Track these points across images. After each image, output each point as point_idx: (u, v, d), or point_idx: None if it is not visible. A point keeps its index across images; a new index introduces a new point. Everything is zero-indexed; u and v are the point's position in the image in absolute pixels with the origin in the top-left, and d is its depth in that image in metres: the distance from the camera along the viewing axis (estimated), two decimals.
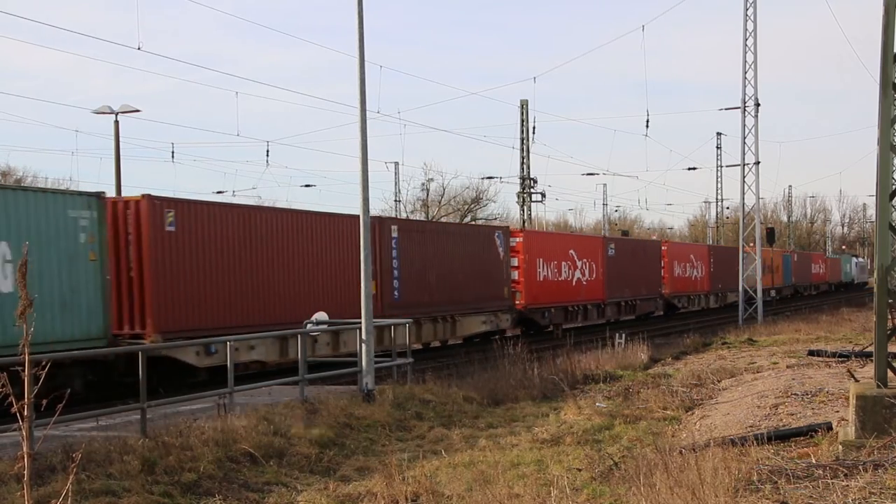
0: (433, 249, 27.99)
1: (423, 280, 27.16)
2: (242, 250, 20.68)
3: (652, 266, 44.64)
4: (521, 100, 50.09)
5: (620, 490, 9.01)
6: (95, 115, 33.03)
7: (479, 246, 30.56)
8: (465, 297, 29.08)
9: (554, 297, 33.94)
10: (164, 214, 18.93)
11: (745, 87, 37.66)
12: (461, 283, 28.84)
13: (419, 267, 27.02)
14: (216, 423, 11.94)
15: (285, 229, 22.12)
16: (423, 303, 26.99)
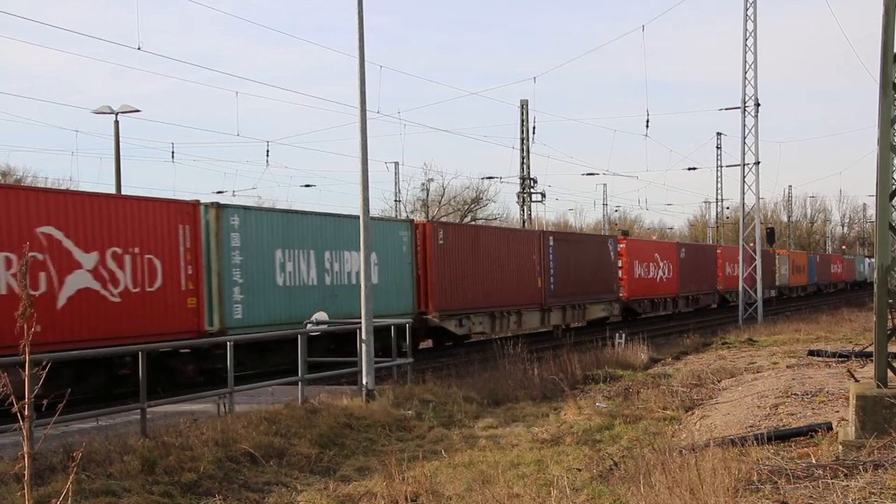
0: (573, 254, 36.35)
1: (567, 277, 35.52)
2: (474, 257, 29.79)
3: (710, 266, 53.30)
4: (521, 100, 50.12)
5: (620, 490, 9.01)
6: (95, 115, 33.03)
7: (599, 251, 39.07)
8: (591, 290, 37.69)
9: (646, 291, 44.03)
10: (438, 233, 27.98)
11: (745, 87, 37.69)
12: (588, 280, 37.42)
13: (564, 267, 35.41)
14: (216, 423, 11.94)
15: (490, 242, 31.27)
16: (568, 294, 35.66)
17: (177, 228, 19.15)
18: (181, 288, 19.26)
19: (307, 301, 22.34)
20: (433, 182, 71.92)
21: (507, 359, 19.40)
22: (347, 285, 23.77)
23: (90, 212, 17.48)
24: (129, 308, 17.90)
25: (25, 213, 16.21)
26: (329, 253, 23.60)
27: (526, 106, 49.24)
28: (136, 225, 18.26)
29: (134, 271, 18.14)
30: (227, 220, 20.52)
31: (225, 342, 14.08)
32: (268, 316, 21.24)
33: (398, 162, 69.07)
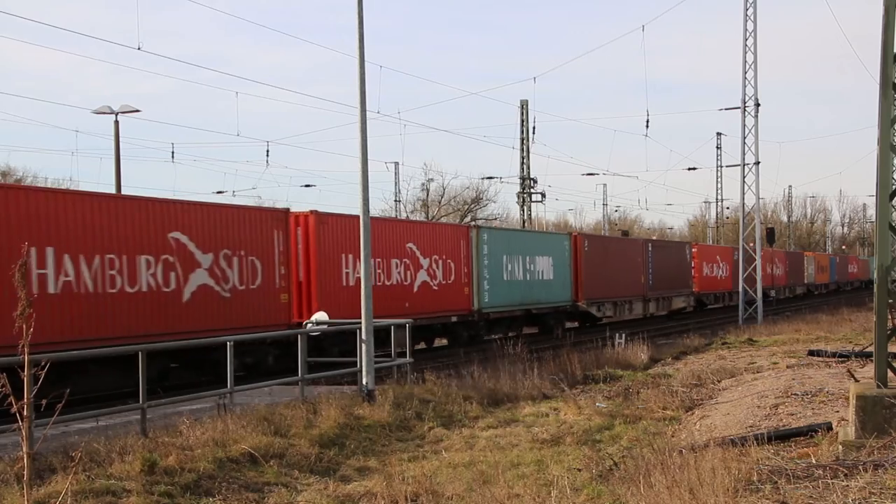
0: (663, 257, 45.64)
1: (659, 276, 44.74)
2: (605, 260, 39.36)
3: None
4: (521, 100, 50.12)
5: (620, 490, 9.01)
6: (95, 115, 33.04)
7: (679, 254, 49.24)
8: (674, 285, 47.21)
9: (711, 286, 52.84)
10: (584, 242, 37.96)
11: (745, 87, 37.70)
12: (672, 277, 46.79)
13: (658, 268, 44.67)
14: (216, 423, 11.93)
15: (614, 248, 41.86)
16: (659, 288, 45.28)
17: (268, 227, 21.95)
18: (275, 286, 21.86)
19: (517, 291, 32.67)
20: (433, 182, 72.05)
21: (507, 359, 19.39)
22: (538, 280, 34.16)
23: (207, 219, 20.26)
24: (232, 303, 20.60)
25: (161, 221, 18.89)
26: (528, 257, 33.52)
27: (526, 106, 49.25)
28: (243, 230, 21.01)
29: (243, 272, 21.07)
30: (481, 237, 30.96)
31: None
32: (499, 300, 31.48)
33: (398, 162, 69.31)
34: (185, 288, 19.42)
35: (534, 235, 38.56)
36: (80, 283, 17.20)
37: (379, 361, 17.13)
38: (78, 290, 17.12)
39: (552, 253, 35.43)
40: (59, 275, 16.86)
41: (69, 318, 16.74)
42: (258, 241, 21.40)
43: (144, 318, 18.22)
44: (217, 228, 20.37)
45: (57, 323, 16.26)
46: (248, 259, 21.13)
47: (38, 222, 16.52)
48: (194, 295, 19.60)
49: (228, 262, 20.56)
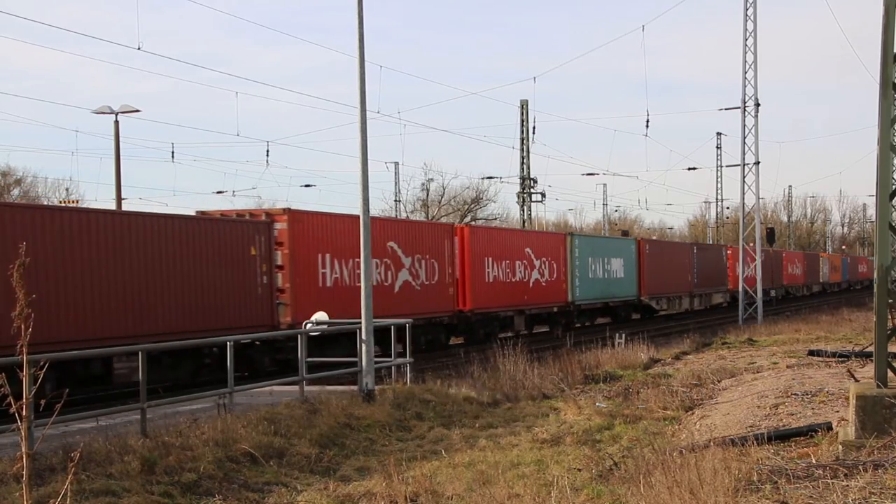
0: (704, 258, 51.73)
1: (701, 274, 50.66)
2: (661, 260, 45.05)
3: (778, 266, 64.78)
4: (521, 100, 50.16)
5: (620, 490, 9.01)
6: (95, 115, 33.06)
7: (717, 256, 55.54)
8: (712, 283, 53.02)
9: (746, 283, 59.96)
10: (646, 246, 44.50)
11: (745, 87, 37.71)
12: (712, 275, 52.63)
13: (700, 267, 50.79)
14: (216, 423, 11.93)
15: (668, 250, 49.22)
16: (702, 285, 51.18)
17: (448, 237, 29.94)
18: (446, 281, 29.26)
19: (599, 287, 39.75)
20: (433, 182, 72.09)
21: (507, 359, 19.39)
22: (613, 279, 41.17)
23: (408, 231, 28.19)
24: (422, 294, 27.85)
25: (382, 233, 25.99)
26: (606, 259, 40.50)
27: (526, 106, 49.28)
28: (428, 239, 28.83)
29: (427, 270, 28.23)
30: (574, 242, 38.43)
31: None
32: (586, 294, 38.53)
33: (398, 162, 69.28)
34: (395, 282, 26.73)
35: (610, 240, 47.13)
36: (342, 279, 24.40)
37: (379, 361, 17.14)
38: (342, 284, 24.30)
39: (623, 255, 42.40)
40: (332, 273, 24.12)
41: (338, 303, 22.78)
42: (437, 247, 28.97)
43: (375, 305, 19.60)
44: (413, 238, 27.87)
45: (329, 306, 21.43)
46: (430, 261, 28.52)
47: (321, 236, 23.92)
48: (401, 288, 26.95)
49: (419, 263, 27.92)
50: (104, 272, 18.13)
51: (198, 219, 21.77)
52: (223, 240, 20.89)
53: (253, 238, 21.84)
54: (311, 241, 23.51)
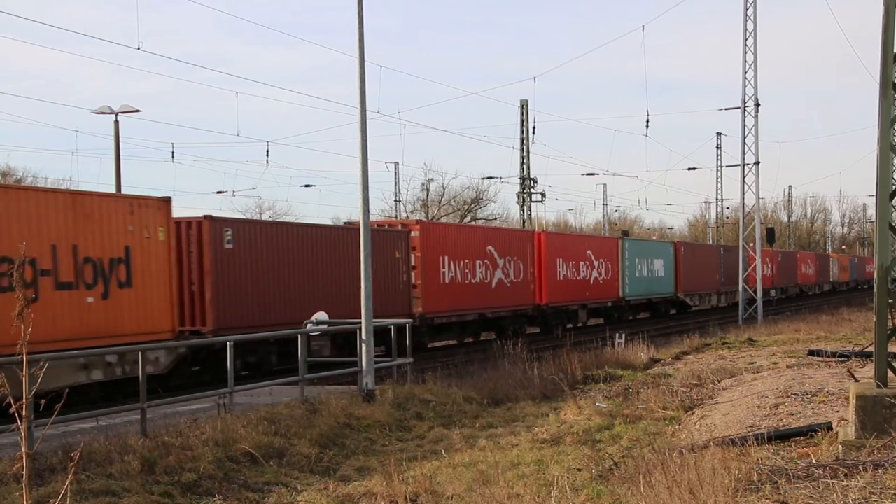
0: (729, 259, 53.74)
1: (726, 274, 53.56)
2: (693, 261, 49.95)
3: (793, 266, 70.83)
4: (521, 100, 50.17)
5: (620, 490, 9.01)
6: (95, 115, 33.04)
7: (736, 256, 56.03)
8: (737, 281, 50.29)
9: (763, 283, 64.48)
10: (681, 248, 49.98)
11: (745, 87, 37.71)
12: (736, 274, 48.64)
13: (727, 267, 53.76)
14: (216, 423, 11.93)
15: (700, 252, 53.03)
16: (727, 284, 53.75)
17: (529, 242, 35.60)
18: (528, 279, 34.68)
19: (644, 285, 44.35)
20: (433, 182, 72.14)
21: (507, 359, 19.38)
22: (655, 277, 45.83)
23: (501, 237, 34.04)
24: (511, 289, 33.25)
25: (482, 239, 32.38)
26: (649, 260, 45.00)
27: (526, 106, 49.27)
28: (515, 243, 34.30)
29: (515, 269, 33.71)
30: (624, 244, 43.22)
31: None
32: (634, 291, 43.65)
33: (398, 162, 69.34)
34: (493, 280, 32.10)
35: (653, 243, 51.64)
36: (456, 277, 29.75)
37: (379, 361, 17.13)
38: (456, 280, 29.69)
39: (663, 256, 47.27)
40: (448, 272, 29.39)
41: (453, 296, 29.46)
42: (521, 250, 34.35)
43: (478, 298, 30.58)
44: (505, 243, 33.30)
45: (447, 301, 29.13)
46: (517, 262, 33.81)
47: (442, 242, 29.49)
48: (497, 284, 32.25)
49: (510, 264, 33.23)
50: (308, 271, 23.53)
51: (350, 229, 25.60)
52: (377, 245, 23.51)
53: (397, 244, 26.95)
54: (435, 246, 29.04)
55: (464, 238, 31.35)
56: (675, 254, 48.88)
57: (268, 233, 22.91)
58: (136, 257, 18.31)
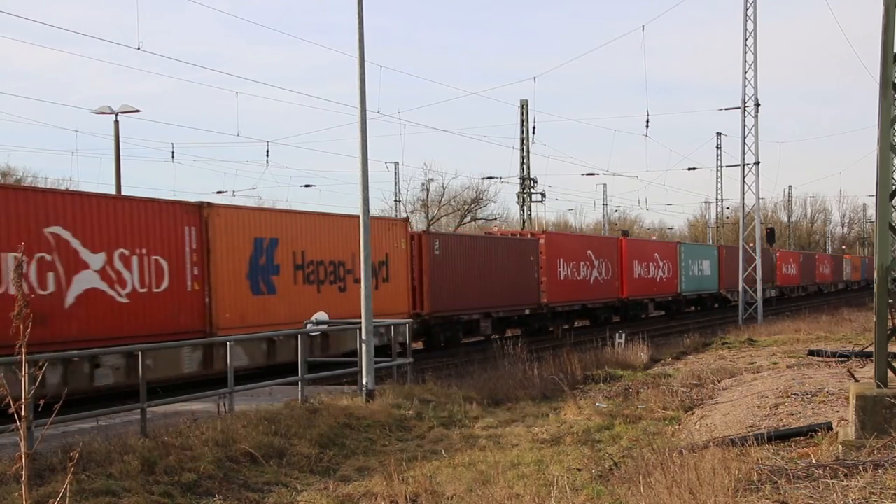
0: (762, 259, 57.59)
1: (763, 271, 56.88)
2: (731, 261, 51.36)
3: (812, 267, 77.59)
4: (521, 100, 50.16)
5: (620, 490, 9.01)
6: (95, 115, 33.04)
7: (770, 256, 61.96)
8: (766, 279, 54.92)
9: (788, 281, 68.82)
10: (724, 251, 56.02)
11: (745, 87, 37.69)
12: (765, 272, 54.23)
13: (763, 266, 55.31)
14: (216, 423, 11.93)
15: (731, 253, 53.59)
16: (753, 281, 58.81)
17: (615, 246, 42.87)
18: (613, 276, 41.58)
19: (695, 282, 50.39)
20: (433, 182, 72.10)
21: (507, 359, 19.38)
22: (703, 276, 51.75)
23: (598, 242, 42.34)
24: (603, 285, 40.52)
25: (583, 244, 40.27)
26: (699, 260, 51.65)
27: (526, 106, 49.27)
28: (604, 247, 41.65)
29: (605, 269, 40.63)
30: (681, 248, 49.91)
31: None
32: (688, 288, 49.70)
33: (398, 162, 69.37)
34: (591, 277, 39.23)
35: (703, 247, 58.23)
36: (568, 275, 37.23)
37: (379, 361, 17.13)
38: (568, 277, 37.13)
39: (709, 258, 53.42)
40: (563, 271, 36.85)
41: (566, 291, 37.01)
42: (610, 253, 41.66)
43: (582, 292, 38.57)
44: (599, 247, 40.86)
45: (563, 294, 36.84)
46: (607, 262, 40.81)
47: (558, 247, 36.94)
48: (593, 281, 39.43)
49: (602, 264, 40.28)
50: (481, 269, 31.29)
51: (506, 238, 36.01)
52: (518, 250, 34.28)
53: (531, 249, 35.08)
54: (554, 250, 36.67)
55: (572, 244, 40.01)
56: (719, 256, 55.42)
57: (459, 243, 31.48)
58: (392, 261, 25.98)
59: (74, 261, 17.09)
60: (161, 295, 18.70)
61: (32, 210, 16.51)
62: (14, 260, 15.64)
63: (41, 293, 16.30)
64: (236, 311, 20.36)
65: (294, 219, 23.38)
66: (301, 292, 22.37)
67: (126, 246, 18.14)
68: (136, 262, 18.30)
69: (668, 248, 49.50)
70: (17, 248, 15.66)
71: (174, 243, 19.19)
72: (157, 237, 18.66)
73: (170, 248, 18.96)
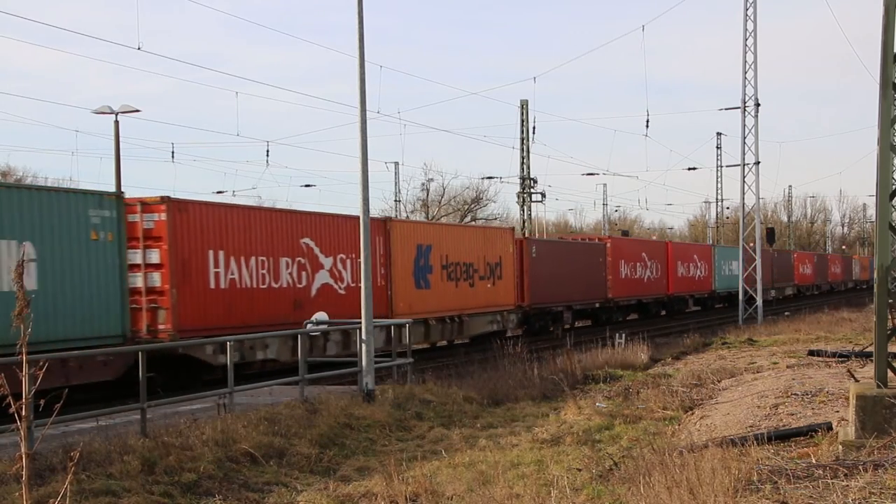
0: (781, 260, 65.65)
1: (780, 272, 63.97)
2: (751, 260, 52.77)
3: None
4: (521, 100, 50.08)
5: (620, 490, 9.01)
6: (95, 115, 33.03)
7: (789, 257, 69.31)
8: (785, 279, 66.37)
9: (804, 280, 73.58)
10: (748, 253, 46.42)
11: (745, 87, 37.68)
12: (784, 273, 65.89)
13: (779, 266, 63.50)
14: (216, 423, 11.93)
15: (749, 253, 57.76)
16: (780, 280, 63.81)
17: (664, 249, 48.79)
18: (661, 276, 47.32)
19: (726, 280, 54.68)
20: (433, 182, 72.14)
21: (507, 359, 19.38)
22: (733, 275, 51.92)
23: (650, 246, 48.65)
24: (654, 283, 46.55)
25: (639, 247, 46.40)
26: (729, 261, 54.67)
27: (526, 106, 49.23)
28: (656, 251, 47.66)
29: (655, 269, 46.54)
30: (715, 250, 55.48)
31: None
32: (721, 285, 54.76)
33: (398, 162, 69.26)
34: (645, 276, 44.86)
35: (732, 249, 58.11)
36: (627, 274, 43.20)
37: (379, 361, 17.13)
38: (627, 277, 42.74)
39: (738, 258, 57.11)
40: (623, 271, 42.68)
41: (626, 288, 43.02)
42: (660, 254, 47.25)
43: (637, 288, 44.33)
44: (651, 250, 46.62)
45: (624, 290, 42.70)
46: (657, 263, 46.61)
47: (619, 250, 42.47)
48: (647, 279, 45.10)
49: (653, 264, 46.02)
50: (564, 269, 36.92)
51: (582, 243, 42.99)
52: (589, 253, 40.61)
53: (599, 252, 41.24)
54: (618, 253, 42.55)
55: (631, 247, 45.70)
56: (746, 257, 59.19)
57: (548, 247, 37.72)
58: (503, 262, 32.23)
59: (316, 263, 23.04)
60: None
61: (293, 227, 22.46)
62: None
63: (298, 286, 22.30)
64: (406, 301, 26.46)
65: (442, 229, 31.87)
66: (445, 287, 28.81)
67: (343, 251, 24.04)
68: (349, 264, 24.14)
69: (704, 250, 55.76)
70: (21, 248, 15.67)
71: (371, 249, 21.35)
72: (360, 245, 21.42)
73: None
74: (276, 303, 21.52)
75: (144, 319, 18.71)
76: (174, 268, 18.91)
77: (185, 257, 19.19)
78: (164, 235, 18.89)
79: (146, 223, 18.92)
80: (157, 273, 18.89)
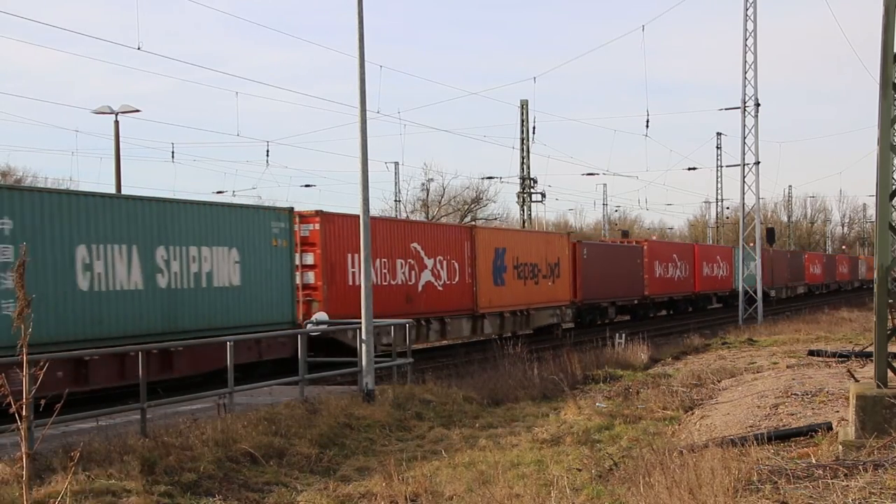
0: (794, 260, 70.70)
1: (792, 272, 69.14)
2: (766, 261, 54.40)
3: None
4: (521, 100, 50.08)
5: (620, 490, 9.01)
6: (95, 115, 33.02)
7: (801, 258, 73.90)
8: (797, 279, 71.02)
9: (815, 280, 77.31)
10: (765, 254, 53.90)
11: (745, 87, 37.68)
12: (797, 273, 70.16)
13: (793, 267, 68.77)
14: (216, 423, 11.93)
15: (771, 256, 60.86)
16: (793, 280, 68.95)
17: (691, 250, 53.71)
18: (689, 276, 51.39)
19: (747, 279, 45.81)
20: (433, 182, 72.06)
21: (507, 359, 19.38)
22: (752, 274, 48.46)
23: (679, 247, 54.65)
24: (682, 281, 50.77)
25: (671, 249, 51.74)
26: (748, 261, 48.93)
27: (526, 106, 49.22)
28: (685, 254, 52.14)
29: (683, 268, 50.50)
30: (736, 251, 50.47)
31: None
32: None
33: (398, 162, 69.23)
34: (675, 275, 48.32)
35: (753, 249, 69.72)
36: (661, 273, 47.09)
37: (379, 361, 17.13)
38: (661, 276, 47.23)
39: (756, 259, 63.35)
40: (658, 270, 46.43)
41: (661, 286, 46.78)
42: (689, 256, 51.64)
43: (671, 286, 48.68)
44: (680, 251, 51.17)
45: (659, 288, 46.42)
46: (686, 263, 50.42)
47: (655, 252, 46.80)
48: (677, 278, 48.81)
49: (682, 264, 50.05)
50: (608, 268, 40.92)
51: (624, 245, 46.81)
52: (628, 255, 44.10)
53: (638, 253, 44.98)
54: (654, 254, 46.50)
55: (665, 249, 50.19)
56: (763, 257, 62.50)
57: (596, 249, 41.47)
58: (561, 263, 36.25)
59: (421, 264, 27.03)
60: (455, 286, 28.83)
61: (405, 233, 26.91)
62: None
63: (409, 284, 26.37)
64: (487, 297, 30.63)
65: (513, 235, 35.74)
66: (516, 285, 32.78)
67: (441, 254, 28.16)
68: (446, 264, 28.34)
69: (726, 251, 59.66)
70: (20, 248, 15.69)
71: (460, 252, 29.41)
72: (453, 248, 28.85)
73: (459, 255, 29.18)
74: (394, 297, 25.54)
75: (302, 309, 22.28)
76: (325, 268, 22.79)
77: (332, 260, 23.12)
78: (317, 242, 22.83)
79: (303, 231, 22.85)
80: (311, 272, 22.78)
